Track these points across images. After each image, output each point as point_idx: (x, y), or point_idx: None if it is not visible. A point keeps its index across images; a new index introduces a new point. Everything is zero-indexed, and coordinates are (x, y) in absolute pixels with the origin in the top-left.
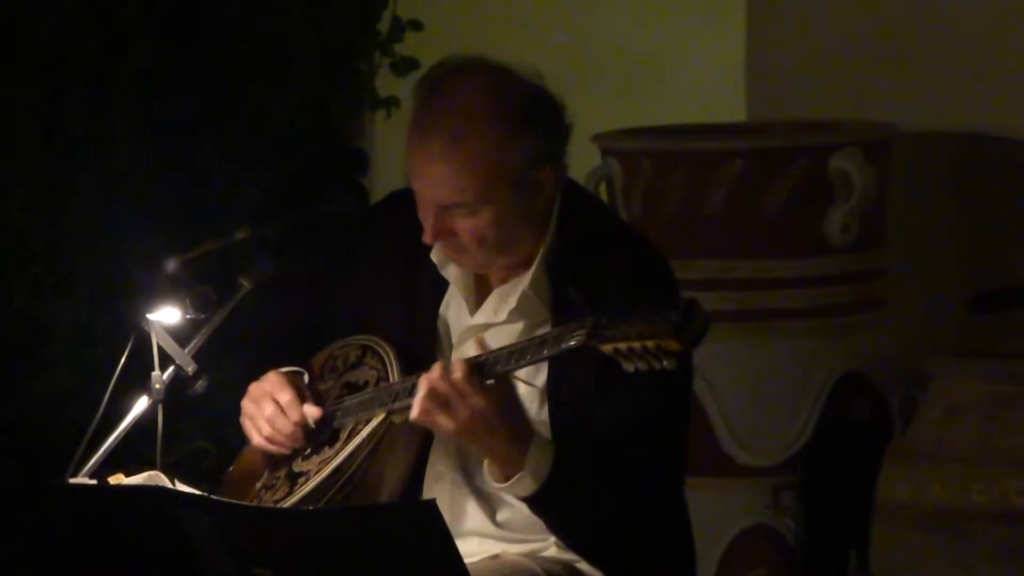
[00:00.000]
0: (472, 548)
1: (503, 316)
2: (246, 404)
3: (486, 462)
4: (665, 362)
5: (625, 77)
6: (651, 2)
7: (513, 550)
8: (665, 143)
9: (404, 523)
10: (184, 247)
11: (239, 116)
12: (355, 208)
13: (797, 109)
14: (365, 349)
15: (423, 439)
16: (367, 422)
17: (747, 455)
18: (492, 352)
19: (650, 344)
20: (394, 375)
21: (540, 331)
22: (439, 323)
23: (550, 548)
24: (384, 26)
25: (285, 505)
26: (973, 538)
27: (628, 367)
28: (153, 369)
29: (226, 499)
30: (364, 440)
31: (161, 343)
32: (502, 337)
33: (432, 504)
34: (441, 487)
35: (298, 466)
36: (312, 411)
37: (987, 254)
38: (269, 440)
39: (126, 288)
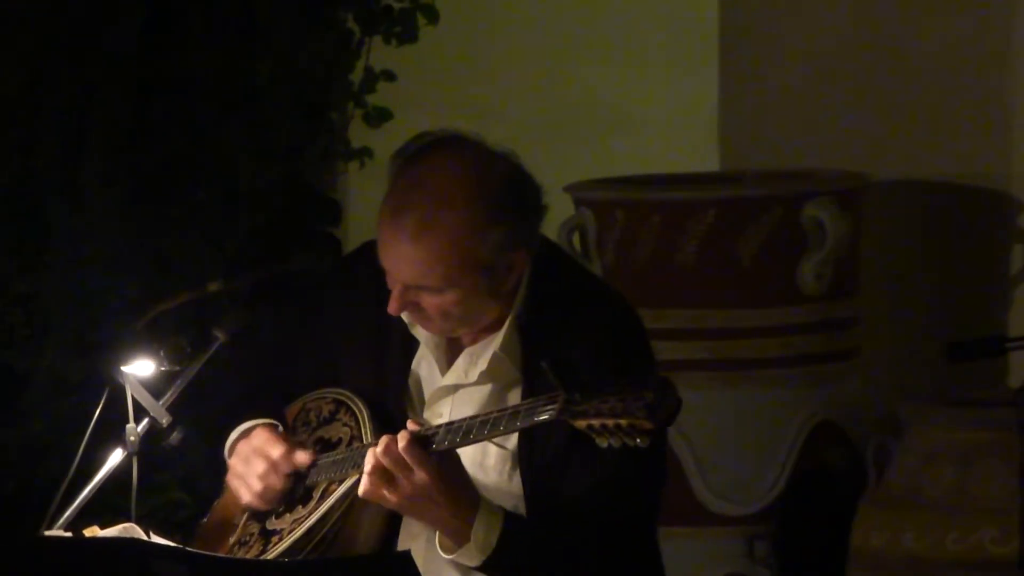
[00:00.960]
0: None
1: (474, 377)
2: (235, 463)
3: (437, 532)
4: (638, 440)
5: (598, 126)
6: (624, 52)
7: None
8: (638, 193)
9: (379, 574)
10: (157, 298)
11: (212, 167)
12: (327, 261)
13: (770, 158)
14: (339, 404)
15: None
16: (340, 482)
17: (722, 504)
18: (438, 427)
19: (623, 422)
20: (367, 435)
21: (511, 393)
22: (410, 380)
23: None
24: (356, 76)
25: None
26: None
27: (601, 443)
28: (128, 421)
29: (201, 551)
30: (337, 501)
31: (136, 395)
32: (473, 398)
33: (407, 555)
34: (416, 546)
35: (271, 524)
36: (303, 457)
37: (960, 302)
38: (260, 497)
39: (100, 339)
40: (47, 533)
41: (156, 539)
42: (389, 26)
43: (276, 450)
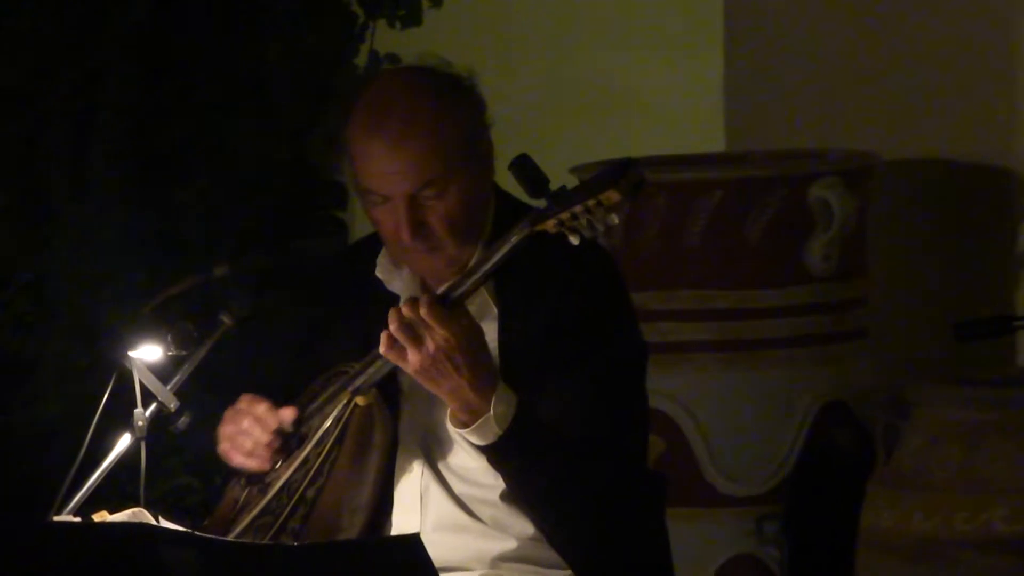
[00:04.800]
0: (447, 540)
1: None
2: (221, 428)
3: (449, 408)
4: (610, 218)
5: (604, 108)
6: (629, 33)
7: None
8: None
9: (388, 557)
10: (164, 283)
11: (218, 151)
12: (334, 244)
13: (776, 138)
14: (328, 377)
15: (392, 428)
16: (331, 413)
17: (730, 485)
18: (448, 282)
19: (591, 203)
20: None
21: (485, 323)
22: None
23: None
24: (362, 60)
25: (255, 510)
26: (958, 566)
27: (573, 239)
28: (135, 406)
29: (209, 535)
30: (330, 426)
31: (143, 380)
32: None
33: (416, 538)
34: (412, 480)
35: (270, 477)
36: (287, 413)
37: (969, 281)
38: (251, 454)
39: (107, 324)
40: (56, 518)
41: (165, 524)
42: (393, 9)
43: (260, 406)
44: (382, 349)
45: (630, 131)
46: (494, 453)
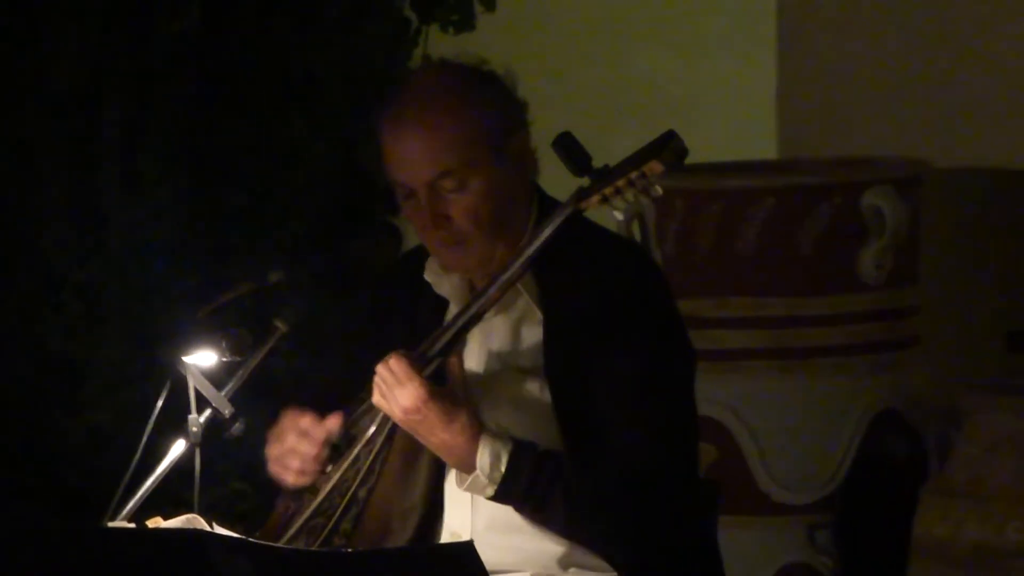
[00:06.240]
0: (497, 541)
1: (492, 312)
2: (268, 450)
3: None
4: (654, 189)
5: (657, 114)
6: (682, 39)
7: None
8: (697, 181)
9: (442, 564)
10: (216, 288)
11: (271, 156)
12: (388, 250)
13: (829, 146)
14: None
15: None
16: (380, 413)
17: (783, 493)
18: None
19: (634, 175)
20: None
21: (526, 326)
22: None
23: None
24: (415, 64)
25: (307, 512)
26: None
27: (618, 214)
28: (190, 412)
29: (263, 542)
30: (379, 426)
31: (197, 386)
32: (495, 331)
33: (469, 545)
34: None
35: (320, 479)
36: (333, 422)
37: (1021, 291)
38: (301, 472)
39: (161, 329)
40: (110, 524)
41: (219, 530)
42: (446, 14)
43: (304, 419)
44: (374, 398)
45: (683, 137)
46: (500, 502)
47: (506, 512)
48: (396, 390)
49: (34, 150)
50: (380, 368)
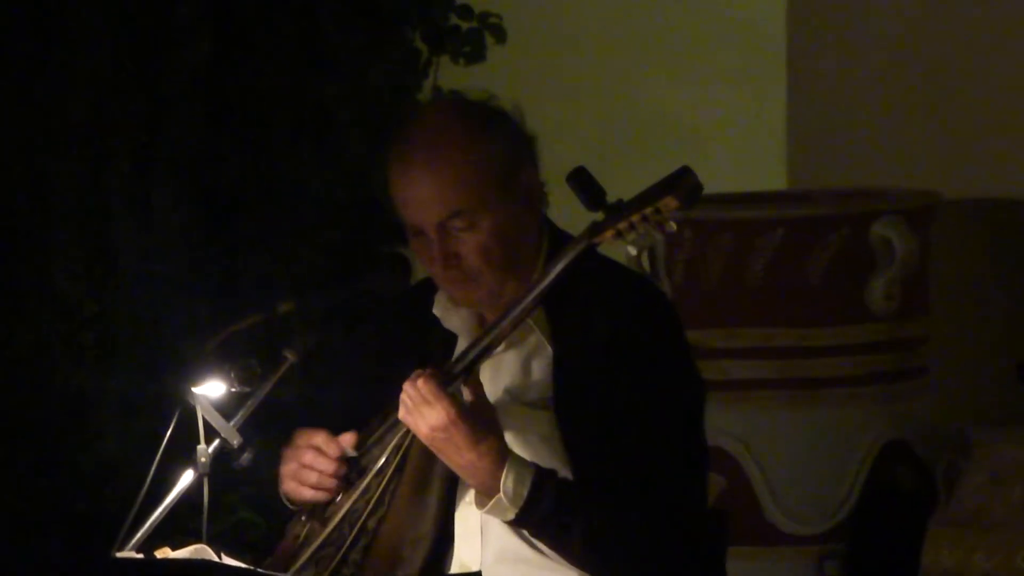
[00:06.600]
0: (508, 573)
1: (502, 347)
2: (283, 468)
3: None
4: (668, 225)
5: (666, 145)
6: (693, 70)
7: None
8: (707, 211)
9: None
10: (227, 319)
11: (281, 187)
12: (397, 281)
13: (838, 177)
14: (388, 409)
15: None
16: (391, 441)
17: (792, 524)
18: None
19: (648, 211)
20: None
21: (536, 360)
22: None
23: None
24: (425, 96)
25: (317, 542)
26: None
27: (632, 249)
28: (198, 442)
29: (273, 572)
30: (390, 455)
31: (206, 417)
32: (500, 366)
33: None
34: (472, 511)
35: (330, 509)
36: (348, 437)
37: None
38: (317, 486)
39: (171, 360)
40: (119, 554)
41: (227, 560)
42: (456, 45)
43: (318, 437)
44: (400, 414)
45: (692, 168)
46: (519, 528)
47: (516, 544)
48: (424, 409)
49: (45, 181)
50: (407, 386)
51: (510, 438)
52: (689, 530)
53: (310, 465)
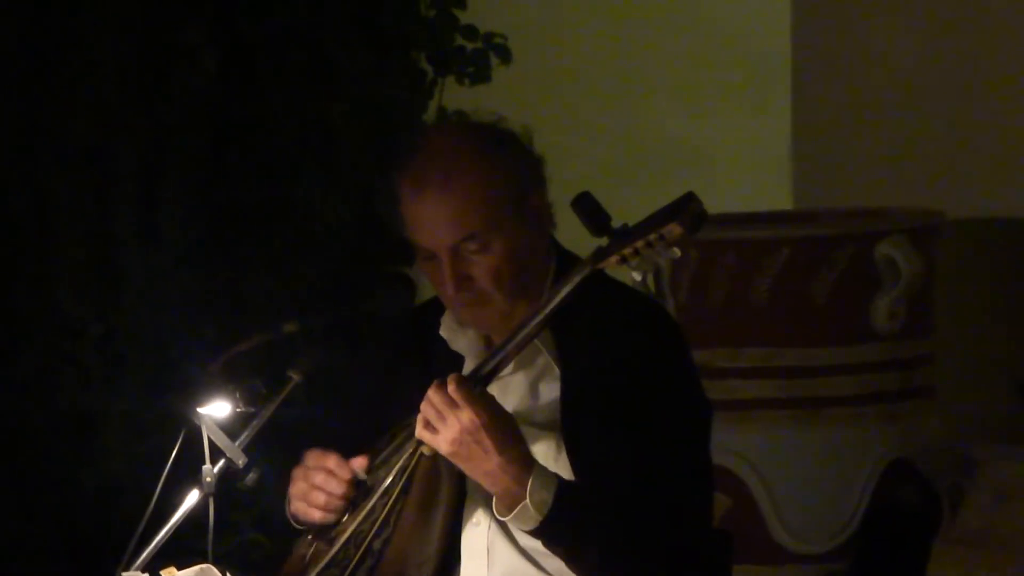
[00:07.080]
0: None
1: (510, 369)
2: (293, 489)
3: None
4: (672, 251)
5: (672, 165)
6: (697, 91)
7: None
8: (712, 232)
9: None
10: (232, 339)
11: (286, 207)
12: (402, 301)
13: (843, 197)
14: (394, 430)
15: (458, 479)
16: (397, 463)
17: (796, 542)
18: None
19: (653, 237)
20: None
21: (544, 382)
22: None
23: None
24: (430, 117)
25: (322, 562)
26: None
27: (636, 275)
28: (204, 462)
29: None
30: (395, 476)
31: (211, 436)
32: (508, 389)
33: None
34: (478, 533)
35: (336, 529)
36: (360, 461)
37: None
38: (326, 507)
39: (176, 380)
40: (124, 575)
41: None
42: (462, 66)
43: (330, 459)
44: (418, 431)
45: (697, 189)
46: (539, 537)
47: (523, 565)
48: (454, 413)
49: (51, 201)
50: (431, 394)
51: None
52: (695, 550)
53: (321, 487)
